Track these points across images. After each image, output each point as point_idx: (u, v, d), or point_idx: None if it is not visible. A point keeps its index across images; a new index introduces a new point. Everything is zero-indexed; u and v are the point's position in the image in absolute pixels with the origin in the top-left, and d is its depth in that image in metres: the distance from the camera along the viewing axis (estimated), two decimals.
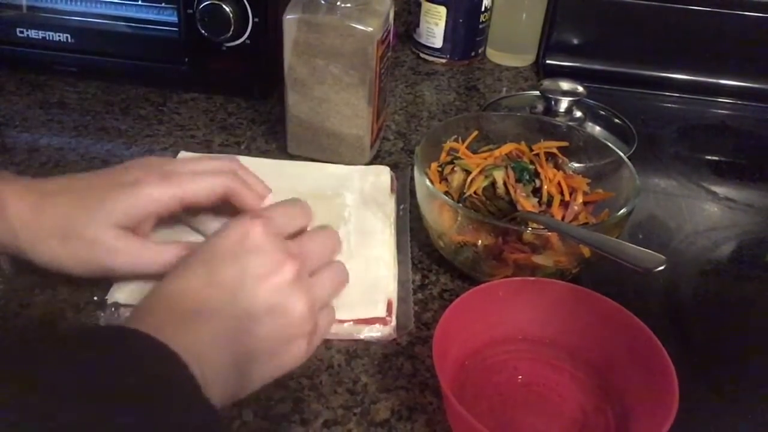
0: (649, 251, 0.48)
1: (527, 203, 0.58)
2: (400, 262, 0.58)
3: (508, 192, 0.59)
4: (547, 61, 0.93)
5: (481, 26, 0.93)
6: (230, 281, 0.42)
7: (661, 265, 0.46)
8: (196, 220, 0.57)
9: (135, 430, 0.32)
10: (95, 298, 0.53)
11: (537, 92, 0.81)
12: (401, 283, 0.57)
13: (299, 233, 0.50)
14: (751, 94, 0.89)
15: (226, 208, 0.54)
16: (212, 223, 0.55)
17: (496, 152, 0.62)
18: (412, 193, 0.63)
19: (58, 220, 0.49)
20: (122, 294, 0.52)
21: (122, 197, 0.50)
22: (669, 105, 0.90)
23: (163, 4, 0.76)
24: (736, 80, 0.90)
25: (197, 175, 0.52)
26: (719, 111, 0.90)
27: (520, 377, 0.50)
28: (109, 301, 0.52)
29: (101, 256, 0.50)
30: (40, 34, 0.79)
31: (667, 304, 0.60)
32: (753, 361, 0.56)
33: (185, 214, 0.56)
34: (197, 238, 0.56)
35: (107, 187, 0.51)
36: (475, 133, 0.64)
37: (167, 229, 0.56)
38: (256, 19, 0.73)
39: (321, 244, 0.49)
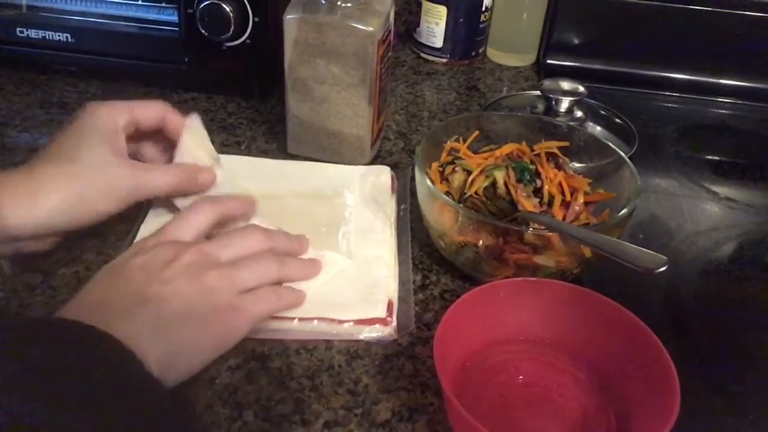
0: (651, 252, 0.48)
1: (528, 203, 0.58)
2: (401, 263, 0.58)
3: (509, 192, 0.58)
4: (548, 61, 0.93)
5: (481, 26, 0.92)
6: (137, 272, 0.46)
7: (663, 266, 0.46)
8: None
9: (97, 418, 0.35)
10: None
11: (538, 92, 0.81)
12: (402, 283, 0.56)
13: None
14: (752, 94, 0.89)
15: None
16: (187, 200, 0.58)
17: (497, 152, 0.62)
18: (413, 193, 0.63)
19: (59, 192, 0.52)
20: None
21: (89, 124, 0.55)
22: (670, 105, 0.90)
23: (163, 4, 0.76)
24: (736, 80, 0.90)
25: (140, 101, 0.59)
26: (720, 111, 0.89)
27: (521, 378, 0.50)
28: None
29: (115, 183, 0.54)
30: (40, 33, 0.78)
31: (668, 305, 0.60)
32: (754, 361, 0.56)
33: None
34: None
35: (65, 130, 0.55)
36: (476, 133, 0.64)
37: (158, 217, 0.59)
38: (257, 19, 0.73)
39: (235, 237, 0.52)
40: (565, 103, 0.78)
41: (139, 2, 0.77)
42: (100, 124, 0.55)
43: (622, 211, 0.55)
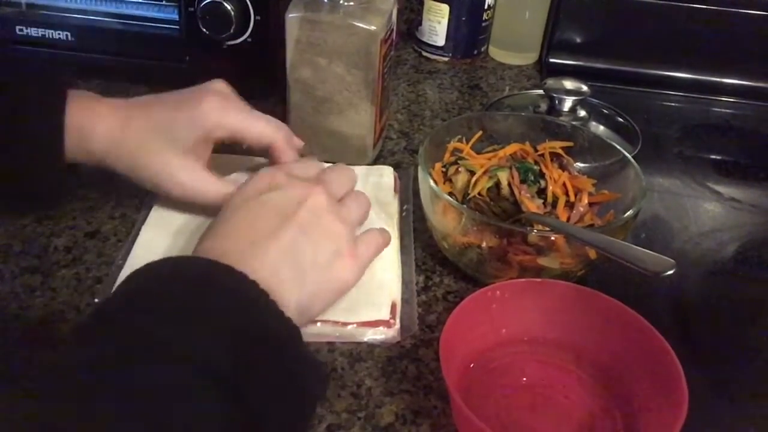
0: (658, 255, 0.47)
1: (532, 204, 0.57)
2: (404, 264, 0.58)
3: (512, 193, 0.58)
4: (551, 60, 0.93)
5: (483, 24, 0.92)
6: (272, 212, 0.47)
7: (671, 269, 0.46)
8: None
9: (233, 343, 0.37)
10: (96, 299, 0.53)
11: (540, 91, 0.80)
12: (405, 284, 0.56)
13: None
14: (755, 93, 0.89)
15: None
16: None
17: (501, 152, 0.62)
18: (416, 193, 0.62)
19: (135, 143, 0.56)
20: None
21: (187, 118, 0.56)
22: (673, 104, 0.89)
23: (164, 2, 0.75)
24: (740, 79, 0.89)
25: (255, 117, 0.59)
26: (723, 110, 0.89)
27: (525, 379, 0.49)
28: None
29: (165, 183, 0.57)
30: (40, 32, 0.78)
31: (672, 305, 0.60)
32: (759, 361, 0.55)
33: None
34: None
35: (176, 105, 0.58)
36: (479, 133, 0.64)
37: None
38: (258, 17, 0.73)
39: (339, 174, 0.55)
40: (568, 103, 0.77)
41: (140, 0, 0.76)
42: (199, 131, 0.56)
43: (628, 213, 0.54)
